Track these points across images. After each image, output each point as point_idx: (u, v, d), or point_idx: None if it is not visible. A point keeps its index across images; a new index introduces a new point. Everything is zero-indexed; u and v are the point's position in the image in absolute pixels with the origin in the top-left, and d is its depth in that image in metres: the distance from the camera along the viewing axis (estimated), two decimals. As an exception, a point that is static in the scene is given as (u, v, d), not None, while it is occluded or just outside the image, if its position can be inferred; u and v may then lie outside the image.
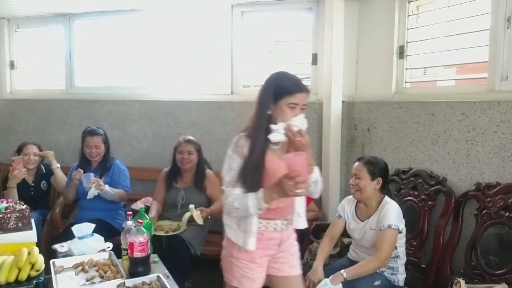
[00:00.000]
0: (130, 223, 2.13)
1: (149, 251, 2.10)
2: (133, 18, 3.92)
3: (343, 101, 3.24)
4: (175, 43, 3.83)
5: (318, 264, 2.28)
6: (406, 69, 2.98)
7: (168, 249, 2.79)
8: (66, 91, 4.24)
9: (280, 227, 1.81)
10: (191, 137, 3.15)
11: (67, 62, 4.19)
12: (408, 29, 2.94)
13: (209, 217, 2.98)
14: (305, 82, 3.45)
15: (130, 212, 2.24)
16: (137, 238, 2.04)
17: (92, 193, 3.02)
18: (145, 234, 2.07)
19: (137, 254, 2.04)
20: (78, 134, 3.35)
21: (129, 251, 2.06)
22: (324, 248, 2.38)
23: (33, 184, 3.42)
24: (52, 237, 3.18)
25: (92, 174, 3.05)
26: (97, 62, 4.16)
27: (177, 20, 3.80)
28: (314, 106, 3.37)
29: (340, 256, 2.45)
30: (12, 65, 4.40)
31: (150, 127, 3.88)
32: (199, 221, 2.86)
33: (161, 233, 2.83)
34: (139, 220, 2.13)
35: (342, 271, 2.12)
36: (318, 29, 3.36)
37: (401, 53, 2.98)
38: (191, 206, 2.88)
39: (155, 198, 3.14)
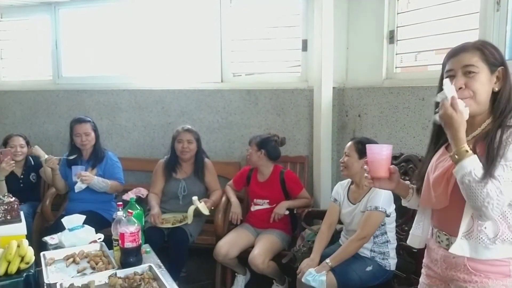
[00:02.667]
0: (120, 213, 2.12)
1: (140, 241, 2.09)
2: (120, 5, 3.85)
3: (333, 88, 3.22)
4: (163, 31, 3.76)
5: (316, 256, 2.28)
6: (397, 54, 2.97)
7: (169, 240, 2.80)
8: (54, 82, 4.17)
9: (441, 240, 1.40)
10: (189, 126, 3.12)
11: (53, 52, 4.11)
12: (398, 13, 2.92)
13: (213, 207, 2.98)
14: (295, 69, 3.50)
15: (121, 203, 2.23)
16: (128, 228, 2.03)
17: (79, 186, 2.99)
18: (136, 224, 2.06)
19: (128, 244, 2.03)
20: (67, 124, 3.30)
21: (120, 241, 2.04)
22: (323, 236, 2.38)
23: (22, 176, 3.38)
24: (43, 229, 3.16)
25: (79, 168, 3.01)
26: (84, 51, 4.08)
27: (165, 7, 3.73)
28: (305, 93, 3.35)
29: (332, 243, 2.45)
30: (-3, 56, 4.32)
31: (139, 117, 3.84)
32: (206, 211, 2.86)
33: (168, 226, 2.83)
34: (130, 211, 2.12)
35: (327, 259, 2.14)
36: (307, 15, 3.32)
37: (391, 38, 2.96)
38: (194, 198, 2.86)
39: (152, 191, 3.10)
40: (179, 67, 3.78)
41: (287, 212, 2.85)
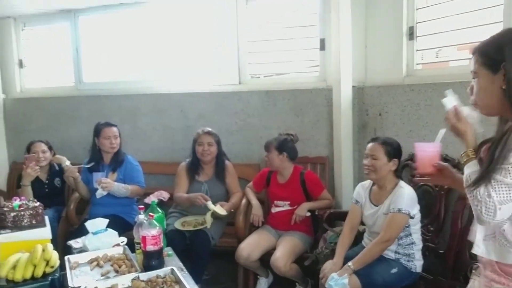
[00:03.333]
0: (142, 217, 2.12)
1: (162, 244, 2.09)
2: (137, 10, 3.89)
3: (353, 86, 3.18)
4: (180, 34, 3.78)
5: (338, 259, 2.23)
6: (417, 50, 2.90)
7: (191, 242, 2.81)
8: (75, 88, 4.24)
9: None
10: (210, 129, 3.12)
11: (74, 58, 4.19)
12: (417, 9, 2.86)
13: (232, 210, 2.97)
14: (313, 68, 3.46)
15: (142, 206, 2.24)
16: (150, 232, 2.03)
17: (100, 193, 3.04)
18: (158, 228, 2.07)
19: (150, 247, 2.03)
20: (89, 130, 3.34)
21: (142, 244, 2.06)
22: (345, 239, 2.32)
23: (47, 182, 3.45)
24: (67, 233, 3.21)
25: (100, 174, 3.05)
26: (104, 57, 4.14)
27: (182, 11, 3.75)
28: (324, 93, 3.32)
29: (355, 244, 2.41)
30: (20, 64, 4.42)
31: (159, 121, 3.87)
32: (223, 212, 2.85)
33: (189, 228, 2.83)
34: (151, 214, 2.12)
35: (349, 263, 2.10)
36: (324, 14, 3.28)
37: (411, 34, 2.89)
38: (209, 203, 2.85)
39: (178, 191, 3.08)
40: (197, 70, 3.79)
41: (308, 214, 2.82)
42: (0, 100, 4.27)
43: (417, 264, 2.18)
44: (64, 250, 2.48)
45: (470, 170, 1.23)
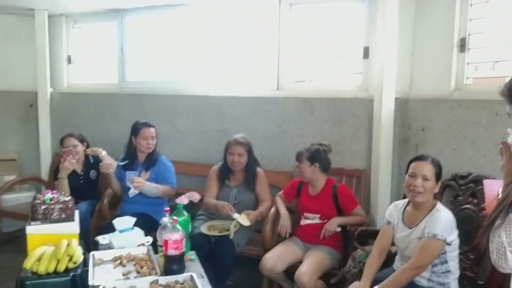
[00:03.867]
0: (166, 219, 2.11)
1: (184, 249, 2.06)
2: (180, 12, 3.92)
3: (396, 98, 3.02)
4: (221, 37, 3.77)
5: (365, 283, 2.08)
6: (468, 63, 2.71)
7: (216, 248, 2.77)
8: (118, 85, 4.35)
9: None
10: (241, 138, 3.04)
11: (119, 57, 4.29)
12: (470, 19, 2.67)
13: (259, 219, 2.91)
14: (355, 77, 3.34)
15: (168, 208, 2.23)
16: (172, 236, 2.01)
17: (132, 192, 3.07)
18: (180, 232, 2.04)
19: (171, 251, 2.01)
20: (128, 127, 3.37)
21: (163, 248, 2.03)
22: (373, 262, 2.17)
23: (82, 173, 3.54)
24: (100, 227, 3.27)
25: (132, 173, 3.08)
26: (147, 56, 4.22)
27: (224, 13, 3.75)
28: (364, 103, 3.18)
29: (387, 266, 2.26)
30: (69, 60, 4.59)
31: (196, 122, 3.87)
32: (246, 223, 2.79)
33: (215, 233, 2.81)
34: (174, 218, 2.09)
35: (376, 287, 1.96)
36: (371, 20, 3.15)
37: (463, 46, 2.70)
38: (235, 215, 2.81)
39: (208, 195, 3.07)
40: (236, 74, 3.76)
41: (338, 229, 2.69)
42: (48, 93, 4.44)
43: (452, 294, 2.01)
44: (94, 244, 2.51)
45: None
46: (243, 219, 2.79)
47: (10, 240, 3.77)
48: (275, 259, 2.65)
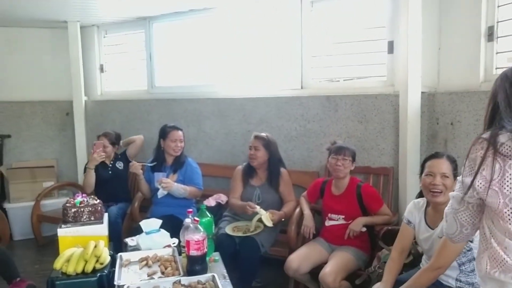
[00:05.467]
0: (189, 221, 2.14)
1: (206, 249, 2.08)
2: (205, 17, 3.99)
3: (422, 92, 2.93)
4: (244, 39, 3.80)
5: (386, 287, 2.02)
6: (497, 53, 2.58)
7: (240, 249, 2.79)
8: (148, 91, 4.47)
9: None
10: (261, 133, 3.10)
11: (148, 63, 4.42)
12: (498, 6, 2.54)
13: (283, 219, 2.91)
14: (380, 72, 3.25)
15: (191, 210, 2.26)
16: (194, 236, 2.03)
17: (161, 192, 3.15)
18: (202, 233, 2.06)
19: (193, 252, 2.03)
20: (157, 131, 3.45)
21: (186, 249, 2.07)
22: (393, 265, 2.08)
23: (110, 165, 3.73)
24: (132, 230, 3.37)
25: (161, 174, 3.16)
26: (174, 62, 4.31)
27: (246, 15, 3.77)
28: (390, 98, 3.10)
29: (413, 266, 2.18)
30: (101, 69, 4.77)
31: (222, 124, 3.92)
32: (269, 223, 2.79)
33: (239, 234, 2.83)
34: (195, 218, 2.12)
35: None
36: (394, 14, 3.07)
37: (490, 35, 2.58)
38: (260, 209, 2.82)
39: (232, 196, 3.10)
40: (260, 75, 3.78)
41: (364, 229, 2.63)
42: (83, 102, 4.64)
43: (482, 295, 1.91)
44: (125, 245, 2.59)
45: None
46: (267, 219, 2.78)
47: (49, 243, 3.95)
48: (299, 260, 2.62)
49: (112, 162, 3.75)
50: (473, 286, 1.92)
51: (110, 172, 3.69)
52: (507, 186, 1.13)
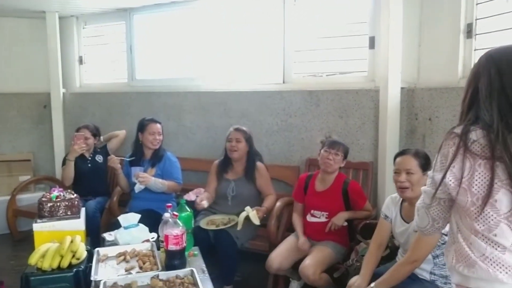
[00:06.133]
0: (167, 215, 2.11)
1: (184, 244, 2.07)
2: (186, 9, 3.94)
3: (402, 88, 2.96)
4: (226, 33, 3.77)
5: (363, 281, 2.04)
6: (475, 50, 2.62)
7: (215, 242, 2.78)
8: (128, 84, 4.39)
9: None
10: (240, 126, 3.10)
11: (128, 55, 4.34)
12: (477, 4, 2.58)
13: (265, 215, 2.89)
14: (361, 68, 3.28)
15: (170, 204, 2.24)
16: (173, 231, 2.02)
17: (138, 187, 3.11)
18: (181, 227, 2.05)
19: (172, 247, 2.02)
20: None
21: (164, 243, 2.05)
22: (371, 258, 2.11)
23: (89, 158, 3.67)
24: (110, 225, 3.32)
25: (138, 168, 3.13)
26: (154, 55, 4.25)
27: (228, 9, 3.74)
28: (370, 94, 3.12)
29: (390, 259, 2.22)
30: (80, 60, 4.66)
31: (203, 118, 3.89)
32: (256, 221, 2.78)
33: (212, 227, 2.81)
34: (174, 213, 2.11)
35: (373, 284, 1.91)
36: (375, 10, 3.09)
37: (469, 31, 2.62)
38: (247, 207, 2.81)
39: (206, 190, 3.13)
40: (242, 69, 3.76)
41: (345, 224, 2.64)
42: (61, 94, 4.53)
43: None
44: (103, 241, 2.56)
45: None
46: (254, 217, 2.76)
47: (25, 238, 3.86)
48: (280, 258, 2.62)
49: (91, 155, 3.68)
50: (447, 278, 1.96)
51: (89, 165, 3.62)
52: (476, 185, 1.12)
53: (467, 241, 1.18)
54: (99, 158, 3.70)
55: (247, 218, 2.78)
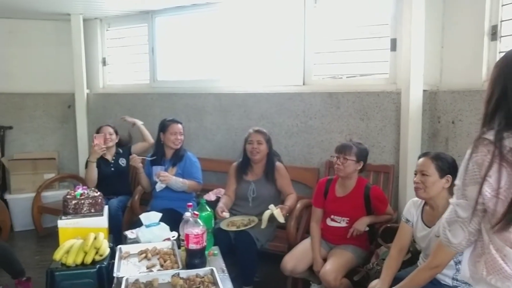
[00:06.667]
0: (188, 214, 2.14)
1: (205, 243, 2.09)
2: (207, 11, 3.98)
3: (425, 90, 2.93)
4: (247, 35, 3.80)
5: (382, 286, 2.01)
6: (500, 52, 2.57)
7: (236, 243, 2.80)
8: (150, 85, 4.46)
9: None
10: (260, 128, 3.11)
11: (150, 57, 4.41)
12: (502, 5, 2.53)
13: (287, 214, 2.89)
14: (382, 70, 3.26)
15: (191, 204, 2.27)
16: (193, 230, 2.04)
17: (159, 186, 3.15)
18: (201, 226, 2.07)
19: (192, 246, 2.05)
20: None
21: (185, 242, 2.08)
22: (392, 262, 2.08)
23: (112, 161, 3.70)
24: (132, 223, 3.38)
25: (159, 168, 3.17)
26: (176, 56, 4.31)
27: (249, 11, 3.77)
28: (392, 96, 3.09)
29: (411, 263, 2.19)
30: (104, 62, 4.77)
31: (223, 120, 3.92)
32: (281, 219, 2.78)
33: (233, 228, 2.82)
34: (195, 212, 2.13)
35: None
36: (397, 12, 3.06)
37: (494, 34, 2.57)
38: (271, 205, 2.81)
39: (226, 192, 3.14)
40: (262, 71, 3.77)
41: (367, 229, 2.59)
42: (85, 94, 4.64)
43: (478, 294, 1.92)
44: (125, 239, 2.60)
45: None
46: (279, 215, 2.76)
47: (49, 234, 3.97)
48: (294, 260, 2.61)
49: (114, 158, 3.71)
50: (469, 285, 1.92)
51: (112, 169, 3.66)
52: None
53: (501, 253, 1.12)
54: (122, 162, 3.73)
55: (271, 216, 2.78)
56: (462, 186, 1.15)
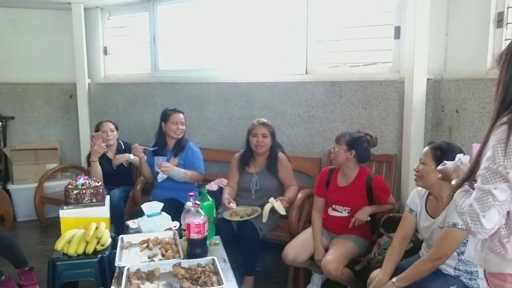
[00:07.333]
0: (190, 204, 2.14)
1: (206, 233, 2.09)
2: (209, 0, 3.93)
3: (428, 79, 2.89)
4: (249, 23, 3.75)
5: (385, 275, 2.01)
6: (506, 39, 2.52)
7: (239, 233, 2.80)
8: (151, 75, 4.44)
9: None
10: (265, 120, 3.06)
11: (152, 46, 4.37)
12: (509, -9, 2.49)
13: (288, 205, 2.88)
14: (385, 58, 3.21)
15: (192, 193, 2.26)
16: (195, 220, 2.04)
17: (161, 176, 3.14)
18: (203, 216, 2.07)
19: (194, 235, 2.04)
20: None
21: (186, 232, 2.07)
22: (394, 253, 2.07)
23: (114, 159, 3.64)
24: (133, 213, 3.39)
25: (161, 158, 3.16)
26: (178, 45, 4.27)
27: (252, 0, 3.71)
28: (395, 85, 3.06)
29: (413, 253, 2.18)
30: (105, 51, 4.73)
31: (225, 109, 3.89)
32: (282, 211, 2.77)
33: (237, 219, 2.82)
34: (197, 202, 2.13)
35: (394, 279, 1.89)
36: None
37: (500, 21, 2.52)
38: (271, 199, 2.81)
39: (228, 183, 3.13)
40: (264, 59, 3.74)
41: (369, 219, 2.58)
42: (86, 84, 4.62)
43: (480, 283, 1.90)
44: (127, 229, 2.60)
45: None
46: (280, 207, 2.76)
47: (52, 224, 3.98)
48: (296, 250, 2.60)
49: (115, 156, 3.65)
50: (472, 274, 1.92)
51: (114, 168, 3.62)
52: None
53: None
54: (125, 161, 3.68)
55: (272, 209, 2.77)
56: (501, 169, 1.14)
